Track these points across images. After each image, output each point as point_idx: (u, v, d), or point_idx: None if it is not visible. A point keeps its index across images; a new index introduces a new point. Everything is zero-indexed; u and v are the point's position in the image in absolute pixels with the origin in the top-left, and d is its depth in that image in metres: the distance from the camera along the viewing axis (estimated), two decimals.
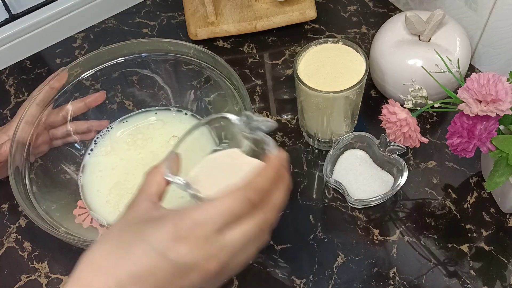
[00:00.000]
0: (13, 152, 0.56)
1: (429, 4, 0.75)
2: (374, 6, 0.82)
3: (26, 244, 0.62)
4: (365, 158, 0.64)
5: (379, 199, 0.59)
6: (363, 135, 0.62)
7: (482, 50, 0.71)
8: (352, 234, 0.60)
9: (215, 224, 0.36)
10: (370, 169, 0.63)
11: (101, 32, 0.84)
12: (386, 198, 0.60)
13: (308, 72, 0.58)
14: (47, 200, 0.58)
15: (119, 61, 0.66)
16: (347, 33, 0.79)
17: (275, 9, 0.79)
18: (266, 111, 0.72)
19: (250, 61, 0.78)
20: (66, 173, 0.64)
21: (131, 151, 0.66)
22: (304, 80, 0.56)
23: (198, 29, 0.78)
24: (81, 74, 0.64)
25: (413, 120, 0.53)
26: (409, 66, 0.62)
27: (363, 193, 0.61)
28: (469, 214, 0.60)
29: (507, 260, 0.57)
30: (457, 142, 0.53)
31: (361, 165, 0.63)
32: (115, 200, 0.62)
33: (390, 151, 0.60)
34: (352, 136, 0.63)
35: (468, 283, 0.55)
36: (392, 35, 0.65)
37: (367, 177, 0.62)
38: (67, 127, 0.64)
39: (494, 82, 0.49)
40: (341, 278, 0.57)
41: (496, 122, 0.51)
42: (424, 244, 0.58)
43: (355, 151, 0.64)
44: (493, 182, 0.52)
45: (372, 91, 0.72)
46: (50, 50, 0.83)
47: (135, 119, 0.69)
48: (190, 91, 0.69)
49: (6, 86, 0.79)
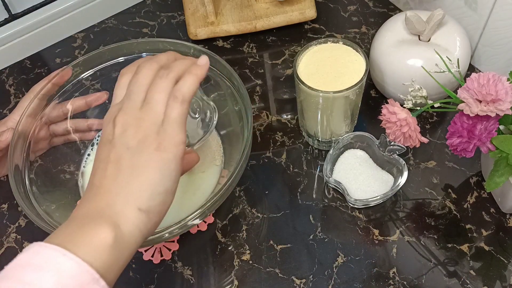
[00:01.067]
0: (13, 144, 0.56)
1: (429, 4, 0.75)
2: (374, 6, 0.82)
3: (26, 244, 0.62)
4: (365, 158, 0.64)
5: (379, 199, 0.59)
6: (363, 135, 0.62)
7: (482, 50, 0.71)
8: (352, 234, 0.60)
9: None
10: (370, 169, 0.63)
11: (101, 32, 0.84)
12: (386, 198, 0.60)
13: (308, 72, 0.58)
14: (47, 200, 0.58)
15: (119, 61, 0.66)
16: (347, 33, 0.79)
17: (275, 9, 0.79)
18: (266, 111, 0.72)
19: (250, 61, 0.78)
20: (66, 173, 0.64)
21: None
22: (304, 80, 0.56)
23: (198, 29, 0.78)
24: (81, 74, 0.64)
25: (413, 120, 0.53)
26: (409, 66, 0.62)
27: (363, 193, 0.61)
28: (469, 214, 0.60)
29: (507, 260, 0.57)
30: (457, 142, 0.53)
31: (361, 165, 0.63)
32: None
33: (390, 151, 0.60)
34: (352, 136, 0.63)
35: (468, 283, 0.55)
36: (392, 35, 0.65)
37: (367, 177, 0.62)
38: (67, 124, 0.64)
39: (494, 82, 0.49)
40: (341, 278, 0.57)
41: (496, 122, 0.51)
42: (424, 244, 0.58)
43: (355, 151, 0.64)
44: (493, 182, 0.52)
45: (372, 91, 0.72)
46: (50, 50, 0.83)
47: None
48: None
49: (6, 86, 0.79)
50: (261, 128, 0.70)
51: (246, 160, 0.55)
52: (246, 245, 0.60)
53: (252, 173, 0.65)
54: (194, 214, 0.52)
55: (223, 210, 0.63)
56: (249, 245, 0.60)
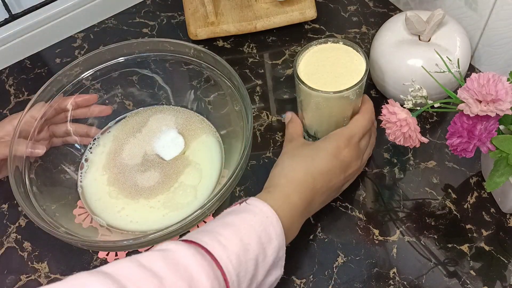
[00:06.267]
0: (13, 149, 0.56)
1: (429, 4, 0.75)
2: (374, 6, 0.82)
3: (26, 244, 0.62)
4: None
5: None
6: None
7: (482, 50, 0.71)
8: (352, 234, 0.60)
9: (359, 134, 0.57)
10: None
11: (101, 32, 0.84)
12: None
13: (308, 72, 0.58)
14: (47, 200, 0.58)
15: (119, 61, 0.66)
16: (347, 33, 0.79)
17: (275, 9, 0.79)
18: (266, 111, 0.72)
19: (250, 61, 0.78)
20: (66, 173, 0.64)
21: (132, 150, 0.66)
22: (304, 80, 0.56)
23: (198, 29, 0.78)
24: (81, 74, 0.64)
25: (413, 120, 0.53)
26: (409, 66, 0.62)
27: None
28: (469, 214, 0.60)
29: (507, 260, 0.57)
30: (457, 142, 0.53)
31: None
32: (110, 193, 0.62)
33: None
34: None
35: (468, 283, 0.55)
36: (392, 35, 0.65)
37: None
38: (67, 126, 0.64)
39: (494, 82, 0.49)
40: (341, 278, 0.57)
41: (496, 122, 0.51)
42: (424, 244, 0.58)
43: None
44: (493, 182, 0.52)
45: (372, 91, 0.72)
46: (50, 50, 0.83)
47: (135, 118, 0.69)
48: (190, 91, 0.69)
49: (6, 86, 0.79)
50: (261, 128, 0.70)
51: (246, 160, 0.55)
52: None
53: (252, 173, 0.65)
54: (194, 214, 0.52)
55: (223, 210, 0.63)
56: None
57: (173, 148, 0.65)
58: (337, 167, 0.55)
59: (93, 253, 0.60)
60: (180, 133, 0.66)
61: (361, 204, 0.62)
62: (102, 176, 0.64)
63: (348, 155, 0.56)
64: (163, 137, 0.66)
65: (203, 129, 0.67)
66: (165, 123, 0.68)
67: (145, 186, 0.62)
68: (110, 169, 0.64)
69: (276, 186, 0.53)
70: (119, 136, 0.67)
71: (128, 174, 0.64)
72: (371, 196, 0.62)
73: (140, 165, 0.64)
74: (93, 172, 0.64)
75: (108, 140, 0.67)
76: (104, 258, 0.60)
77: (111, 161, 0.65)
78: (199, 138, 0.66)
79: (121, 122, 0.69)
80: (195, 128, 0.67)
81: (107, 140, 0.67)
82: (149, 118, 0.68)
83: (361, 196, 0.62)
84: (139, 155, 0.65)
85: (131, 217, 0.60)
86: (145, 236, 0.50)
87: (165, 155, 0.64)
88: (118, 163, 0.65)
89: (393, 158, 0.65)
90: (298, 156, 0.56)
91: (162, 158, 0.64)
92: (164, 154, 0.65)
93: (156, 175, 0.63)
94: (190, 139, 0.66)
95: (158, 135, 0.66)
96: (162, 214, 0.60)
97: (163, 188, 0.62)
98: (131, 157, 0.65)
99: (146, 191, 0.62)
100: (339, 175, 0.56)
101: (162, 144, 0.65)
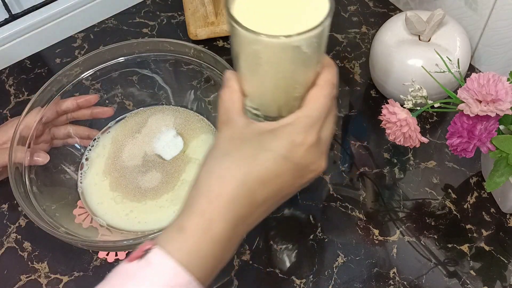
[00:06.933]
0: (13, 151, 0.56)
1: (429, 4, 0.75)
2: (374, 6, 0.82)
3: (26, 244, 0.62)
4: None
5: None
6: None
7: (482, 50, 0.71)
8: (352, 234, 0.60)
9: (320, 121, 0.39)
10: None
11: (101, 32, 0.84)
12: None
13: (246, 8, 0.39)
14: (47, 200, 0.58)
15: (119, 61, 0.66)
16: (347, 33, 0.79)
17: None
18: None
19: None
20: (66, 173, 0.64)
21: (131, 151, 0.66)
22: (238, 18, 0.37)
23: (198, 29, 0.78)
24: (81, 74, 0.64)
25: (413, 120, 0.53)
26: (409, 66, 0.62)
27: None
28: (469, 214, 0.60)
29: (507, 260, 0.57)
30: (457, 142, 0.53)
31: None
32: (115, 199, 0.62)
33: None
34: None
35: (468, 283, 0.55)
36: (392, 35, 0.65)
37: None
38: (67, 128, 0.64)
39: (494, 82, 0.49)
40: (341, 278, 0.57)
41: (496, 122, 0.51)
42: (424, 244, 0.58)
43: None
44: (493, 182, 0.52)
45: (372, 91, 0.72)
46: (50, 50, 0.83)
47: (135, 119, 0.69)
48: (190, 91, 0.69)
49: (6, 86, 0.79)
50: None
51: None
52: (246, 245, 0.60)
53: None
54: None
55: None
56: (249, 245, 0.60)
57: (173, 148, 0.65)
58: (289, 172, 0.38)
59: (93, 253, 0.60)
60: (180, 133, 0.66)
61: (361, 204, 0.62)
62: (103, 182, 0.63)
63: (306, 156, 0.38)
64: (163, 138, 0.66)
65: (202, 129, 0.67)
66: (165, 123, 0.68)
67: (149, 187, 0.62)
68: (111, 174, 0.64)
69: (192, 212, 0.38)
70: (119, 137, 0.67)
71: (129, 176, 0.63)
72: (371, 196, 0.62)
73: (141, 166, 0.64)
74: (93, 175, 0.64)
75: (107, 141, 0.67)
76: (104, 258, 0.60)
77: (111, 164, 0.64)
78: (199, 137, 0.66)
79: (121, 122, 0.69)
80: (195, 128, 0.67)
81: (107, 141, 0.67)
82: (148, 118, 0.68)
83: (361, 196, 0.62)
84: (139, 156, 0.65)
85: (139, 218, 0.60)
86: (145, 236, 0.50)
87: (165, 155, 0.64)
88: (118, 166, 0.64)
89: (393, 158, 0.65)
90: (232, 154, 0.38)
91: (163, 158, 0.64)
92: (164, 154, 0.65)
93: (158, 175, 0.63)
94: (189, 138, 0.66)
95: (158, 135, 0.66)
96: (173, 210, 0.60)
97: (167, 187, 0.62)
98: (131, 159, 0.65)
99: (151, 192, 0.62)
100: (292, 183, 0.39)
101: (162, 144, 0.65)
